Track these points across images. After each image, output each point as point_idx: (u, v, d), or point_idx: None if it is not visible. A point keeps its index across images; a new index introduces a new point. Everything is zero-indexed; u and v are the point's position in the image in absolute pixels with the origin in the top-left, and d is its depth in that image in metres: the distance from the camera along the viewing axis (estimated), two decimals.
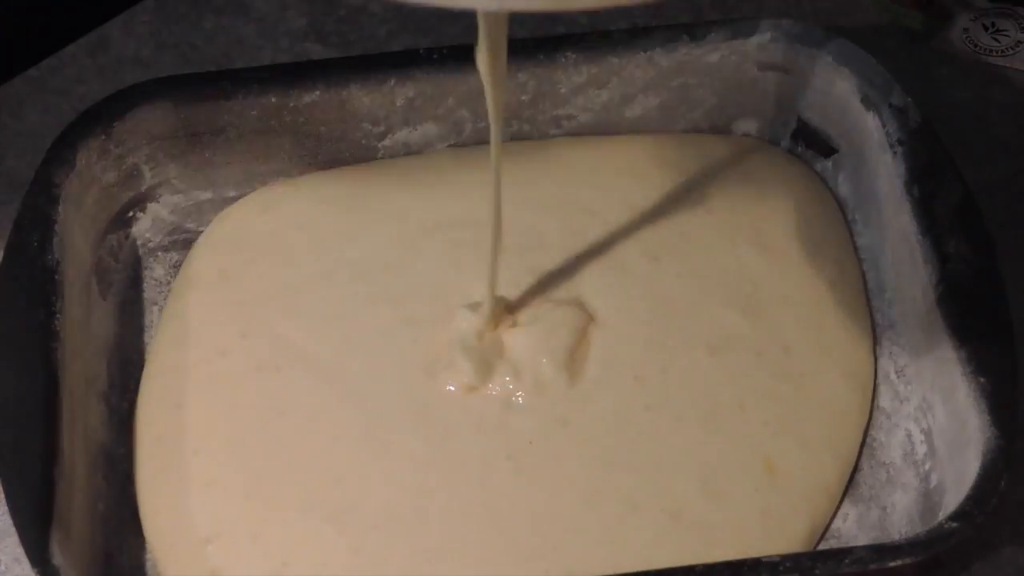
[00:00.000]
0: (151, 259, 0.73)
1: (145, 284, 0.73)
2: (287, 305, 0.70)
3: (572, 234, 0.73)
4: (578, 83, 0.73)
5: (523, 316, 0.70)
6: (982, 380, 0.61)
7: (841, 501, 0.65)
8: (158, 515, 0.65)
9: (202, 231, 0.74)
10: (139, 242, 0.73)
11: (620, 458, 0.65)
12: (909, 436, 0.66)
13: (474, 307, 0.68)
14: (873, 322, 0.70)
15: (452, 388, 0.67)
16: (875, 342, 0.69)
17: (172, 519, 0.64)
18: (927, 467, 0.64)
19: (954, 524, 0.57)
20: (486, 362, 0.68)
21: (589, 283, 0.71)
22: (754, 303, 0.70)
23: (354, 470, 0.65)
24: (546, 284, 0.71)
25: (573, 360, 0.68)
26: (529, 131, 0.74)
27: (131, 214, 0.73)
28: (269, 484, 0.65)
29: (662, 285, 0.71)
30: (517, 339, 0.68)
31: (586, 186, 0.74)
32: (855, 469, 0.66)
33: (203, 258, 0.72)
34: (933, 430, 0.64)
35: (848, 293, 0.70)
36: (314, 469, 0.65)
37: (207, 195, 0.74)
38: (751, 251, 0.72)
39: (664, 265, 0.71)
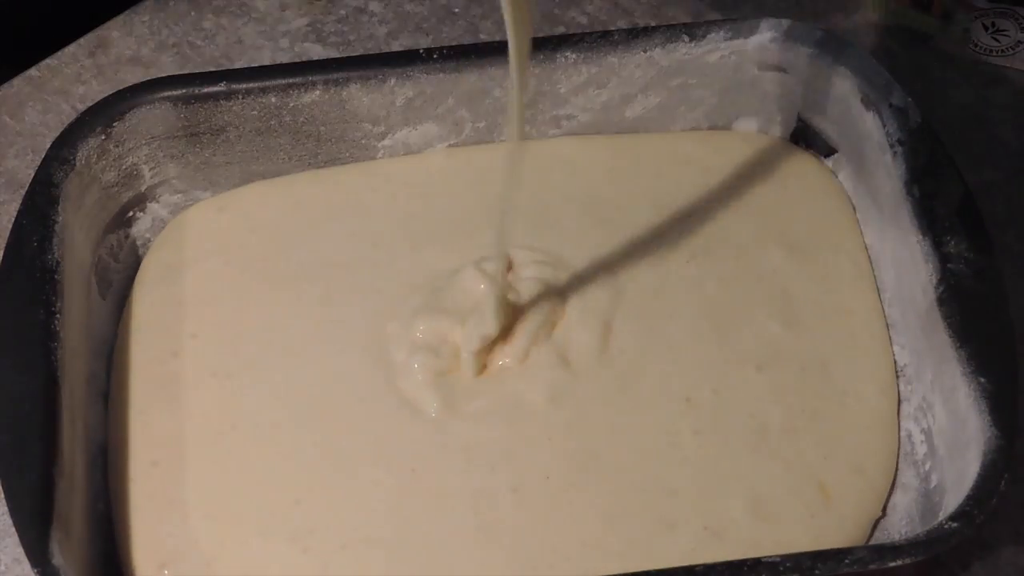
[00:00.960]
0: None
1: None
2: (236, 306, 0.70)
3: (600, 229, 0.72)
4: (578, 83, 0.73)
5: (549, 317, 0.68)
6: (982, 380, 0.61)
7: None
8: (121, 532, 0.64)
9: None
10: (139, 242, 0.73)
11: (659, 483, 0.64)
12: (909, 436, 0.66)
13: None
14: None
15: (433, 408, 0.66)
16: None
17: (132, 538, 0.64)
18: (927, 467, 0.64)
19: (954, 524, 0.57)
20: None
21: (630, 283, 0.70)
22: (791, 312, 0.69)
23: (315, 490, 0.64)
24: (583, 284, 0.70)
25: (625, 387, 0.67)
26: (529, 131, 0.74)
27: (131, 214, 0.73)
28: (226, 504, 0.64)
29: (705, 289, 0.70)
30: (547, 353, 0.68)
31: (605, 183, 0.74)
32: None
33: (153, 255, 0.72)
34: (933, 430, 0.64)
35: (867, 296, 0.70)
36: (272, 488, 0.64)
37: (207, 195, 0.74)
38: (779, 252, 0.71)
39: (703, 266, 0.71)
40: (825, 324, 0.69)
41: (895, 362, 0.68)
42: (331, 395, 0.67)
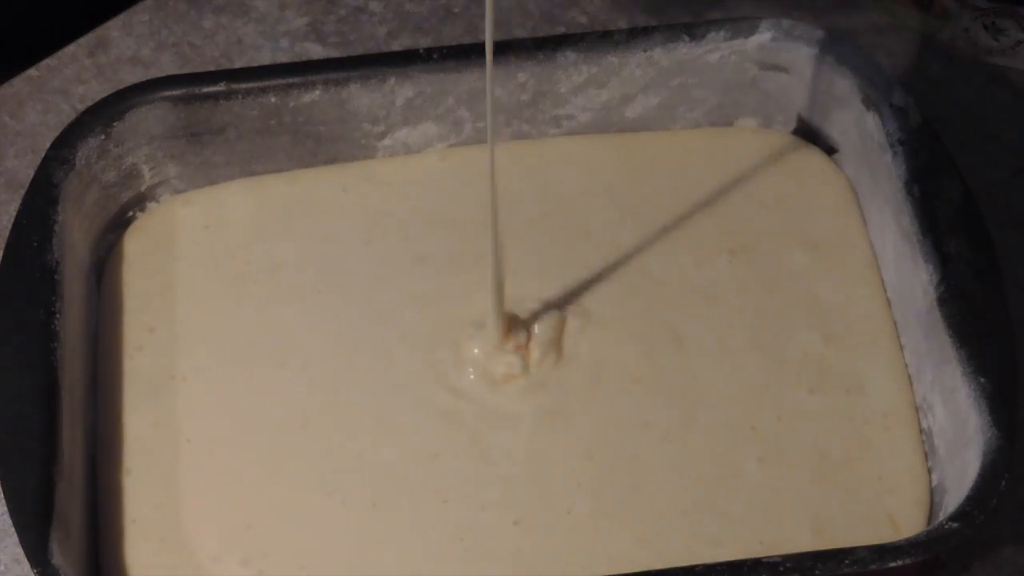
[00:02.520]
0: None
1: None
2: (183, 303, 0.69)
3: (634, 225, 0.71)
4: (578, 83, 0.73)
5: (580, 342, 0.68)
6: (982, 380, 0.61)
7: None
8: (100, 549, 0.63)
9: None
10: None
11: (711, 507, 0.63)
12: None
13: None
14: None
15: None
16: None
17: (104, 556, 0.63)
18: (927, 467, 0.64)
19: (954, 524, 0.58)
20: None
21: (684, 284, 0.69)
22: (824, 321, 0.68)
23: (266, 516, 0.63)
24: (626, 291, 0.69)
25: (692, 419, 0.65)
26: (528, 131, 0.74)
27: (131, 214, 0.72)
28: (181, 525, 0.63)
29: (752, 292, 0.69)
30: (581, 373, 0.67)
31: (627, 180, 0.73)
32: None
33: (124, 245, 0.71)
34: (933, 430, 0.64)
35: (879, 297, 0.69)
36: (222, 511, 0.63)
37: None
38: (804, 251, 0.70)
39: (743, 265, 0.70)
40: (853, 334, 0.68)
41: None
42: (278, 411, 0.66)
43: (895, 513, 0.63)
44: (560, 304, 0.69)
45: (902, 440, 0.65)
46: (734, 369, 0.67)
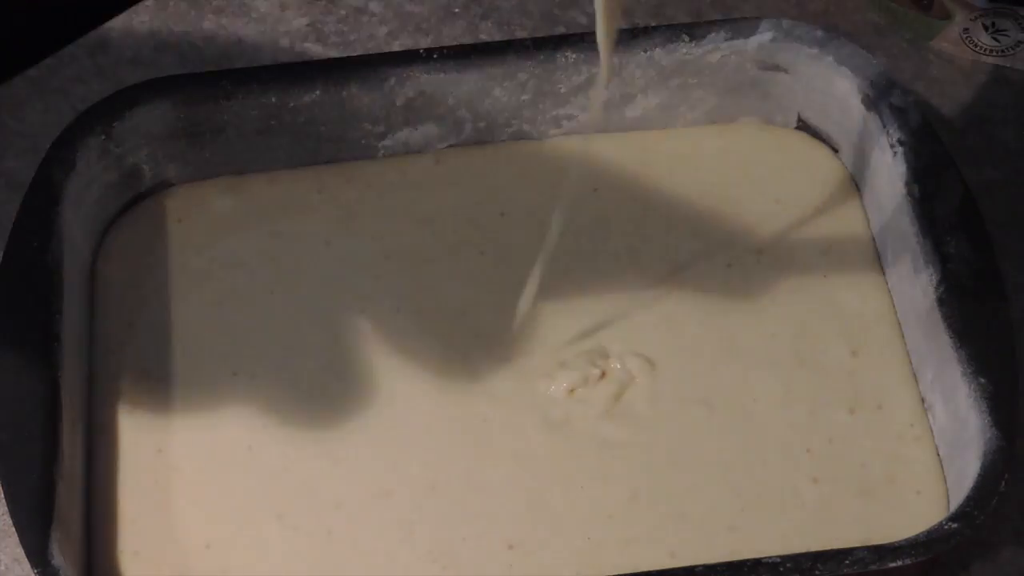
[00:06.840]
0: None
1: None
2: (150, 297, 0.69)
3: (662, 226, 0.70)
4: (578, 83, 0.73)
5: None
6: (982, 380, 0.61)
7: None
8: (92, 554, 0.63)
9: None
10: None
11: (761, 523, 0.62)
12: None
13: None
14: None
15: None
16: None
17: (97, 566, 0.62)
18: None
19: (954, 524, 0.58)
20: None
21: (721, 287, 0.68)
22: (850, 333, 0.67)
23: (221, 536, 0.62)
24: (665, 294, 0.69)
25: (747, 446, 0.64)
26: (529, 131, 0.74)
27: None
28: (153, 539, 0.62)
29: (783, 296, 0.68)
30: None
31: (645, 179, 0.72)
32: None
33: (109, 238, 0.71)
34: (933, 430, 0.64)
35: (884, 297, 0.69)
36: (183, 529, 0.62)
37: None
38: (820, 254, 0.70)
39: (772, 265, 0.69)
40: (871, 341, 0.67)
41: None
42: (229, 424, 0.65)
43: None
44: (594, 312, 0.68)
45: (930, 449, 0.64)
46: (785, 387, 0.66)
